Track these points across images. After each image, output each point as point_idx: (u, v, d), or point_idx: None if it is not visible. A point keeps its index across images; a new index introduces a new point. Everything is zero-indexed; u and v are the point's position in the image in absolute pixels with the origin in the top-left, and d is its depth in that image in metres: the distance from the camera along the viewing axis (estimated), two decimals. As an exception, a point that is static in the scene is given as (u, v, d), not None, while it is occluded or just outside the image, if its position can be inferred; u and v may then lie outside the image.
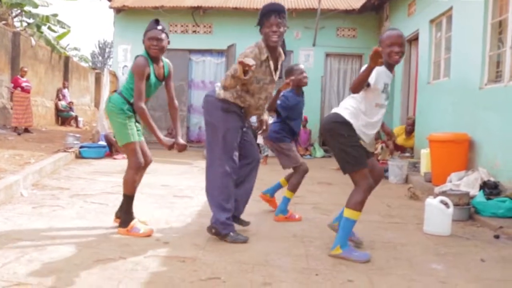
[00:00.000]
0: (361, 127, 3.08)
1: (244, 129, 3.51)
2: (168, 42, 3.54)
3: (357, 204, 3.02)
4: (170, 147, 3.48)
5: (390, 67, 3.12)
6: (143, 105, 3.38)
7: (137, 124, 3.62)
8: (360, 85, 2.87)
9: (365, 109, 3.06)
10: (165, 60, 3.65)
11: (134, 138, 3.46)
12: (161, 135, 3.44)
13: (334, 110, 3.20)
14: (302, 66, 4.28)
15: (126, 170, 3.50)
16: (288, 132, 4.29)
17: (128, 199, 3.51)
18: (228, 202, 3.36)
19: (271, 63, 3.39)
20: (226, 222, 3.33)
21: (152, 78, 3.48)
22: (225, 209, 3.34)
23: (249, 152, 3.58)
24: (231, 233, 3.35)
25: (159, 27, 3.46)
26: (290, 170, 4.41)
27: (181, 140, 3.57)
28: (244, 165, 3.55)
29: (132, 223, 3.46)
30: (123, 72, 11.90)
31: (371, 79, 2.91)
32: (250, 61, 3.03)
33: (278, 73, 3.50)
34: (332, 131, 3.12)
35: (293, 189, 4.31)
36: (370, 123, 3.10)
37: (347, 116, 3.06)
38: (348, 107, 3.10)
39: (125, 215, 3.49)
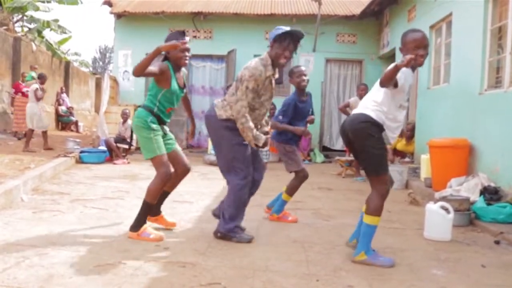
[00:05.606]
0: (387, 128, 3.07)
1: None
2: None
3: (376, 210, 3.04)
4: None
5: (412, 68, 3.08)
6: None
7: (167, 135, 3.70)
8: (391, 79, 2.81)
9: (388, 112, 3.03)
10: (183, 69, 3.76)
11: (160, 151, 3.50)
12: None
13: (358, 111, 3.13)
14: (302, 68, 4.28)
15: (154, 179, 3.51)
16: (292, 135, 4.29)
17: (146, 206, 3.51)
18: (240, 212, 3.53)
19: (273, 79, 3.52)
20: (234, 230, 3.49)
21: (175, 86, 3.59)
22: (236, 218, 3.50)
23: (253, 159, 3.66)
24: (237, 235, 3.48)
25: (187, 38, 3.58)
26: (291, 177, 4.40)
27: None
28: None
29: (144, 227, 3.46)
30: (123, 77, 11.92)
31: (400, 80, 2.87)
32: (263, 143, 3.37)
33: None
34: (361, 131, 3.03)
35: (291, 192, 4.31)
36: (393, 125, 3.09)
37: (375, 117, 3.02)
38: (373, 109, 3.04)
39: (138, 219, 3.49)
